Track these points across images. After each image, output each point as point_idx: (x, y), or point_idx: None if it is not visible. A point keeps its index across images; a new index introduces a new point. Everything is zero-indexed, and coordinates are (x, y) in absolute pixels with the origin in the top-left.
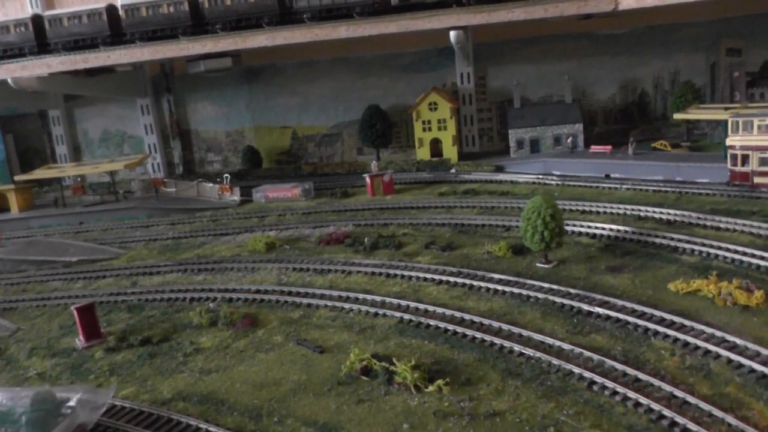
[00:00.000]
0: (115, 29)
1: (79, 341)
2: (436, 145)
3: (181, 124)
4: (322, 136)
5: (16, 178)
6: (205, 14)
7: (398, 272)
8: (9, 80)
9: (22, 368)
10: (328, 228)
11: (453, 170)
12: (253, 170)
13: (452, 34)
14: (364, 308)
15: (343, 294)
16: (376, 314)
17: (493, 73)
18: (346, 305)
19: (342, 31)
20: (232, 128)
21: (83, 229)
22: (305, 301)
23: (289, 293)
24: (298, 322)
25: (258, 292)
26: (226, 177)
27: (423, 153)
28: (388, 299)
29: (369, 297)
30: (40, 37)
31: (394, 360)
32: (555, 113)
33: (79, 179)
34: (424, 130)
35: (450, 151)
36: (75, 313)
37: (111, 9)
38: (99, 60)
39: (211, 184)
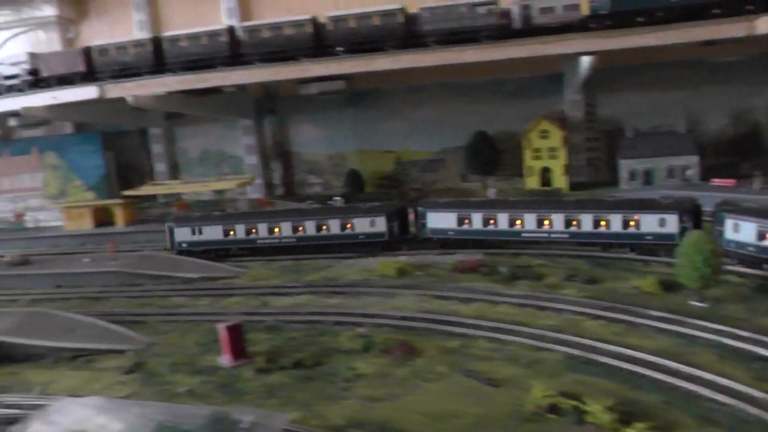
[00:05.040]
0: (233, 50)
1: (225, 360)
2: (544, 174)
3: (283, 146)
4: (426, 161)
5: (125, 193)
6: (327, 37)
7: (547, 304)
8: (128, 98)
9: (168, 383)
10: (456, 255)
11: None
12: (355, 194)
13: (584, 59)
14: (525, 341)
15: (499, 325)
16: (539, 348)
17: (602, 100)
18: (506, 337)
19: (468, 55)
20: (334, 151)
21: None
22: (460, 330)
23: (440, 321)
24: (458, 353)
25: (404, 318)
26: (337, 200)
27: (532, 182)
28: (547, 333)
29: (526, 329)
30: (157, 57)
31: (583, 398)
32: (668, 144)
33: (184, 196)
34: (534, 158)
35: (560, 181)
36: (223, 331)
37: (231, 30)
38: (217, 80)
39: None
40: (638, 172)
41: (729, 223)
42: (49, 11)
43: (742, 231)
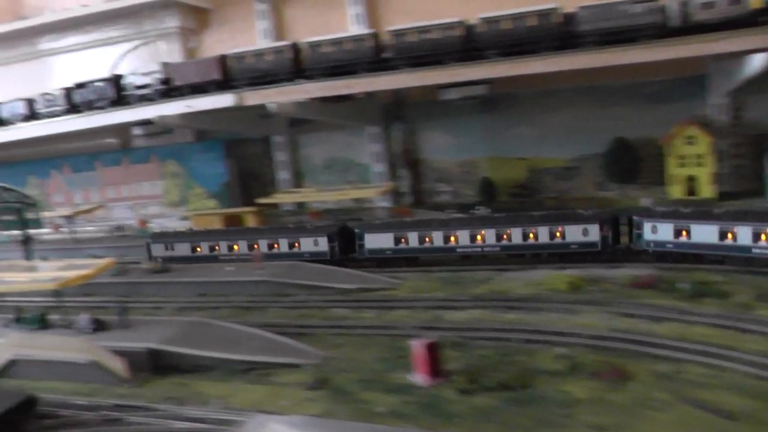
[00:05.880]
0: (378, 55)
1: (419, 378)
2: (689, 183)
3: (411, 153)
4: (560, 169)
5: (259, 201)
6: (477, 39)
7: (749, 326)
8: (271, 105)
9: (362, 402)
10: (626, 269)
11: None
12: (488, 203)
13: (756, 57)
14: (743, 368)
15: (706, 348)
16: (761, 377)
17: (748, 103)
18: (719, 362)
19: (631, 55)
20: (464, 158)
21: None
22: (664, 353)
23: (638, 342)
24: (673, 378)
25: (597, 338)
26: (479, 209)
27: (676, 191)
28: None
29: (740, 355)
30: (296, 63)
31: None
32: None
33: (314, 205)
34: (678, 165)
35: (706, 190)
36: (419, 348)
37: (375, 35)
38: (362, 86)
39: None
40: None
41: (647, 226)
42: (172, 23)
43: (660, 231)
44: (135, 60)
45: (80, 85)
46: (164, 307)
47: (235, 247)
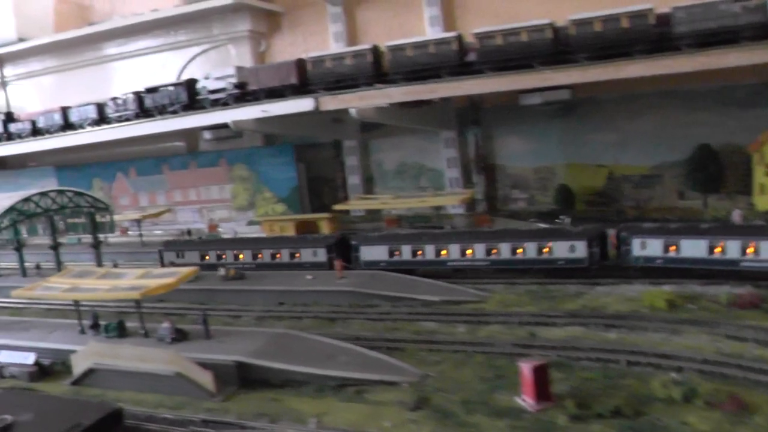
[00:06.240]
0: (462, 58)
1: (526, 402)
2: None
3: (486, 159)
4: (640, 177)
5: (336, 207)
6: (568, 42)
7: None
8: (351, 111)
9: (468, 425)
10: (719, 285)
11: None
12: (566, 211)
13: None
14: None
15: None
16: None
17: None
18: None
19: (731, 58)
20: (540, 164)
21: None
22: None
23: (754, 369)
24: None
25: (708, 362)
26: (563, 218)
27: (764, 202)
28: None
29: None
30: (377, 67)
31: None
32: None
33: (393, 212)
34: (766, 174)
35: None
36: (527, 370)
37: (459, 38)
38: (447, 90)
39: None
40: None
41: (636, 242)
42: (242, 27)
43: (649, 247)
44: (203, 64)
45: (151, 90)
46: (242, 315)
47: (241, 256)
